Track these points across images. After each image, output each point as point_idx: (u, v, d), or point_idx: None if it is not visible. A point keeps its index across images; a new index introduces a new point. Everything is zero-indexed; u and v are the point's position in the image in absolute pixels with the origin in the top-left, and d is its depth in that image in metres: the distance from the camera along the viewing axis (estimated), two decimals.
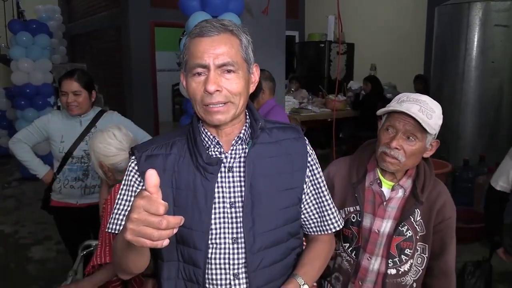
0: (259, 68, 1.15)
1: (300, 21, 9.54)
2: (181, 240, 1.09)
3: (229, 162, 1.10)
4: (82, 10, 8.77)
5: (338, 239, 1.52)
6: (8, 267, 3.65)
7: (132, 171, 1.12)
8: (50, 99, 6.30)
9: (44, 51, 6.19)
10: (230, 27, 1.05)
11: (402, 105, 1.35)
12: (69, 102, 2.40)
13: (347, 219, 1.48)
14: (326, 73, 7.98)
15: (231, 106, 1.04)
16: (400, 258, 1.44)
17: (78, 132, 2.47)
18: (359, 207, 1.46)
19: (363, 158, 1.52)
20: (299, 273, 1.15)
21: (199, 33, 1.03)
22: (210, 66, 1.01)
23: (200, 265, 1.08)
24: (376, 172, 1.46)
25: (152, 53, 7.10)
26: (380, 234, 1.44)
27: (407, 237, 1.43)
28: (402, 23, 7.52)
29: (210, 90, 1.00)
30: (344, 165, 1.54)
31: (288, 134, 1.18)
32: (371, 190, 1.47)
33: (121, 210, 1.12)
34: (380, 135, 1.41)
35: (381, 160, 1.40)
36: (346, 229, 1.49)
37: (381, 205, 1.44)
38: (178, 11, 3.34)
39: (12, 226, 4.53)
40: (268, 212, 1.11)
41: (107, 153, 1.76)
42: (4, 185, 6.03)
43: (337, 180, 1.53)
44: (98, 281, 1.67)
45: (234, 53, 1.03)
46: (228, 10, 3.24)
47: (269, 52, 3.91)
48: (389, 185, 1.45)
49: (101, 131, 1.82)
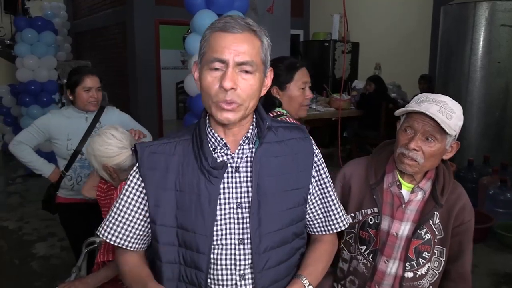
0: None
1: (305, 20, 9.53)
2: (183, 243, 1.08)
3: (236, 162, 1.09)
4: (87, 7, 8.79)
5: (354, 241, 1.49)
6: (12, 263, 3.67)
7: (135, 176, 1.12)
8: (55, 96, 6.33)
9: (49, 48, 6.20)
10: (253, 27, 1.04)
11: (421, 105, 1.32)
12: (92, 98, 2.45)
13: (364, 221, 1.45)
14: (331, 72, 7.96)
15: (242, 108, 1.03)
16: (417, 261, 1.41)
17: (84, 128, 2.49)
18: (377, 209, 1.43)
19: (381, 159, 1.48)
20: (303, 274, 1.14)
21: (222, 27, 1.02)
22: (229, 62, 1.00)
23: (203, 268, 1.08)
24: (395, 173, 1.43)
25: (156, 51, 7.10)
26: (399, 237, 1.41)
27: (426, 240, 1.40)
28: (408, 23, 7.50)
29: (226, 87, 0.99)
30: (362, 166, 1.51)
31: (294, 133, 1.17)
32: (390, 192, 1.43)
33: (117, 215, 1.13)
34: (399, 136, 1.38)
35: (399, 161, 1.37)
36: (363, 232, 1.46)
37: (400, 207, 1.41)
38: (183, 9, 3.34)
39: (16, 223, 4.55)
40: (275, 213, 1.10)
41: (110, 154, 1.75)
42: (9, 182, 6.06)
43: (354, 181, 1.49)
44: (102, 278, 1.67)
45: (254, 54, 1.03)
46: (233, 8, 3.24)
47: (274, 51, 3.90)
48: (409, 187, 1.42)
49: (97, 135, 1.80)
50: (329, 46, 7.93)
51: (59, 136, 2.49)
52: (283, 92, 1.92)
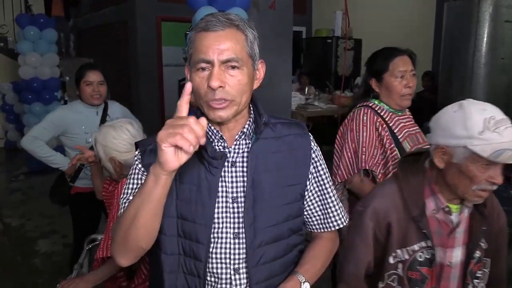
0: (264, 64, 1.13)
1: (307, 17, 9.50)
2: (183, 233, 1.09)
3: (232, 157, 1.10)
4: (89, 4, 8.78)
5: (400, 284, 1.32)
6: (15, 260, 3.68)
7: (137, 166, 1.12)
8: (57, 93, 6.33)
9: (51, 45, 6.21)
10: (236, 21, 1.04)
11: (502, 134, 1.15)
12: (94, 92, 2.57)
13: (413, 259, 1.29)
14: (333, 69, 7.94)
15: (233, 104, 1.03)
16: (473, 284, 1.32)
17: (96, 121, 2.61)
18: (425, 243, 1.28)
19: (417, 186, 1.31)
20: (300, 271, 1.14)
21: (204, 27, 1.02)
22: (214, 61, 1.00)
23: (202, 259, 1.08)
24: (437, 199, 1.29)
25: (158, 48, 7.10)
26: (453, 266, 1.30)
27: (477, 259, 1.30)
28: (411, 19, 7.46)
29: (213, 86, 0.99)
30: (395, 198, 1.33)
31: (292, 130, 1.18)
32: (435, 220, 1.29)
33: (127, 200, 1.11)
34: (473, 171, 1.18)
35: (474, 196, 1.22)
36: (413, 272, 1.30)
37: (451, 234, 1.29)
38: (185, 5, 3.32)
39: (18, 220, 4.56)
40: (270, 208, 1.10)
41: (122, 149, 1.75)
42: (11, 179, 6.07)
43: (393, 217, 1.31)
44: (103, 275, 1.67)
45: (239, 49, 1.02)
46: (235, 5, 3.23)
47: (276, 48, 3.89)
48: (456, 208, 1.30)
49: (112, 127, 1.80)
50: (331, 43, 7.90)
51: (76, 130, 2.58)
52: (380, 83, 1.90)
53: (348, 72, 7.76)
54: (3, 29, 7.96)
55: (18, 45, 6.14)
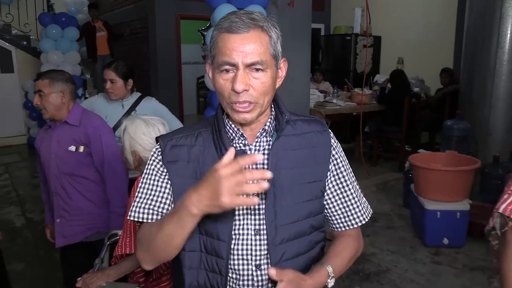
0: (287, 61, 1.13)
1: (326, 14, 9.44)
2: (204, 231, 1.10)
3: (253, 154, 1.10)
4: (109, 3, 8.89)
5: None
6: (37, 254, 3.76)
7: (155, 161, 1.12)
8: (79, 91, 6.43)
9: (73, 43, 6.31)
10: (260, 22, 1.02)
11: None
12: (107, 88, 2.75)
13: None
14: (352, 67, 7.87)
15: (257, 106, 1.04)
16: None
17: (120, 114, 2.79)
18: None
19: None
20: (330, 263, 1.13)
21: (228, 28, 1.01)
22: (238, 65, 0.99)
23: (223, 256, 1.09)
24: None
25: (178, 46, 7.15)
26: None
27: None
28: (432, 15, 7.35)
29: (238, 90, 0.99)
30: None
31: (312, 127, 1.17)
32: None
33: (143, 198, 1.12)
34: None
35: None
36: None
37: None
38: (204, 4, 3.34)
39: (40, 214, 4.65)
40: (291, 205, 1.10)
41: (147, 146, 1.76)
42: (34, 175, 6.19)
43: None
44: (124, 270, 1.70)
45: (263, 51, 1.01)
46: (254, 3, 3.23)
47: (295, 45, 3.88)
48: None
49: (145, 122, 1.80)
50: (350, 40, 7.84)
51: None
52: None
53: (367, 70, 7.70)
54: (26, 27, 8.13)
55: (41, 44, 6.25)
